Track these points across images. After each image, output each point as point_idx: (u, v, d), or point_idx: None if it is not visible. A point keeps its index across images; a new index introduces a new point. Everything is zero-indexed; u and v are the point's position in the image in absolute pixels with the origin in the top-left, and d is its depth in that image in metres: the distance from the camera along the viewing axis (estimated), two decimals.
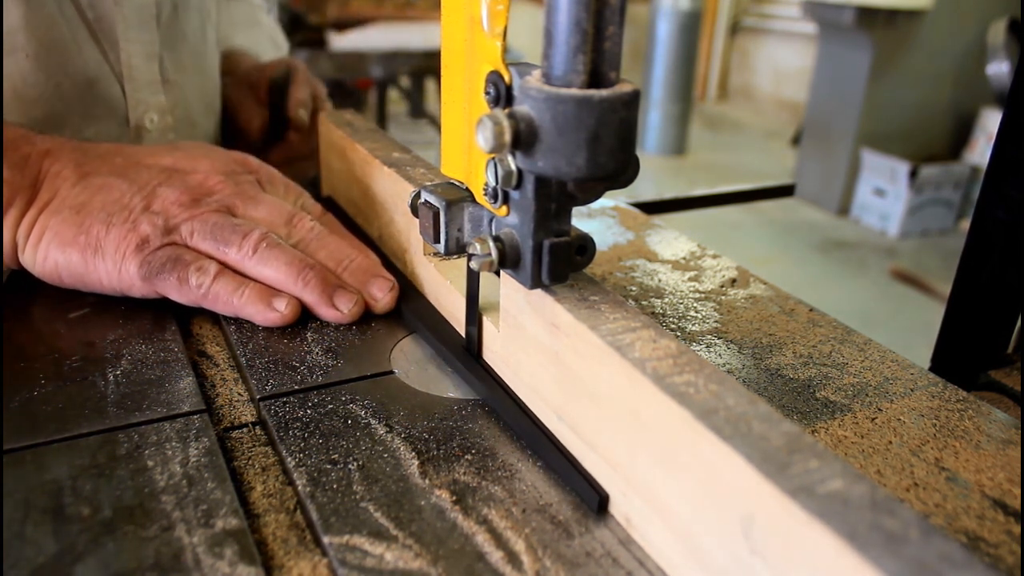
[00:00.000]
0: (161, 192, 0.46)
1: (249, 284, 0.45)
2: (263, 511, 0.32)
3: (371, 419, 0.37)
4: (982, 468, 0.36)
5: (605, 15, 0.29)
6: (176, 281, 0.44)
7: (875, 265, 3.05)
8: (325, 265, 0.47)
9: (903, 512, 0.22)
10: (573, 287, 0.34)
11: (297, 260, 0.45)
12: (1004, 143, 0.44)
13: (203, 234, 0.45)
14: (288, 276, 0.45)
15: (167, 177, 0.47)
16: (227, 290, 0.44)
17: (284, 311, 0.44)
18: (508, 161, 0.31)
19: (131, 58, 0.60)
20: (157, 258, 0.44)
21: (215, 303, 0.44)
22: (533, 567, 0.29)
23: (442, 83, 0.37)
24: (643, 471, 0.29)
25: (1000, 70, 2.91)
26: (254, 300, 0.44)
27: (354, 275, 0.48)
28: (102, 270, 0.45)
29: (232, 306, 0.44)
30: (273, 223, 0.48)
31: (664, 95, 4.34)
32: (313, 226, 0.49)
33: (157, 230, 0.45)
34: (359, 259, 0.48)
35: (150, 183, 0.46)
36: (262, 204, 0.48)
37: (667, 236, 0.63)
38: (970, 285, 0.47)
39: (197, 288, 0.44)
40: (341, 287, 0.46)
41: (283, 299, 0.45)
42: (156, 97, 0.63)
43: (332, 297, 0.45)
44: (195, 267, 0.44)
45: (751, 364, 0.44)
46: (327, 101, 0.78)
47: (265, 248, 0.45)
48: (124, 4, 0.58)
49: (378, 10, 2.89)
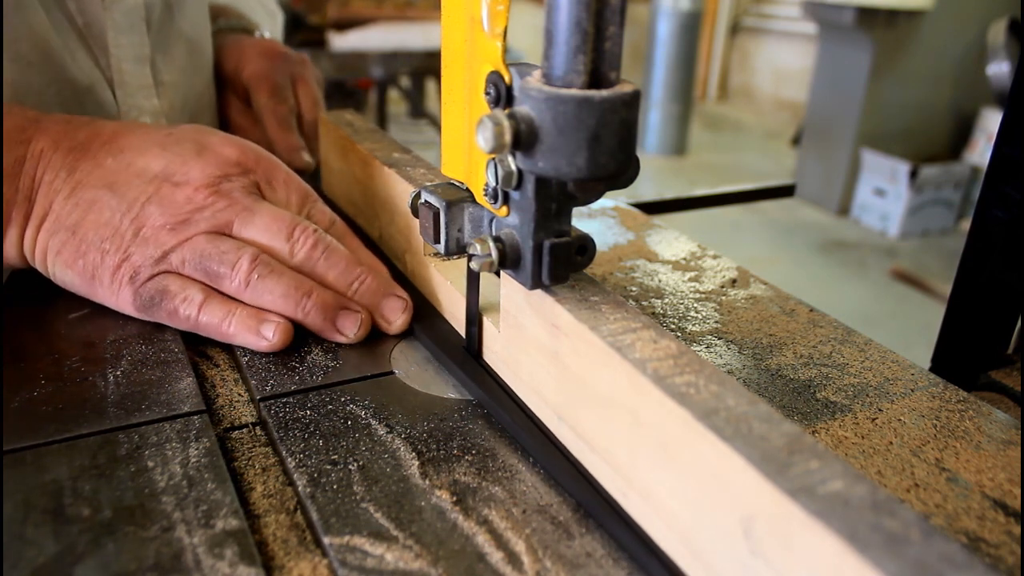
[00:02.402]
0: (149, 212, 0.43)
1: (237, 311, 0.43)
2: (263, 512, 0.32)
3: (371, 419, 0.37)
4: (982, 468, 0.36)
5: (605, 15, 0.29)
6: (166, 313, 0.43)
7: (875, 265, 3.05)
8: (335, 287, 0.45)
9: (904, 513, 0.22)
10: (573, 287, 0.34)
11: (293, 288, 0.43)
12: (1004, 143, 0.44)
13: (193, 264, 0.43)
14: (286, 306, 0.43)
15: (156, 190, 0.44)
16: (215, 320, 0.43)
17: (272, 339, 0.42)
18: (508, 161, 0.31)
19: (121, 63, 0.58)
20: (147, 290, 0.43)
21: (208, 332, 0.43)
22: (533, 567, 0.29)
23: (442, 83, 0.37)
24: (643, 472, 0.29)
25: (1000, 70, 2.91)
26: (243, 329, 0.42)
27: (364, 297, 0.45)
28: (102, 295, 0.44)
29: (222, 334, 0.43)
30: (271, 242, 0.44)
31: (664, 95, 4.35)
32: (317, 241, 0.45)
33: (147, 260, 0.43)
34: (369, 280, 0.45)
35: (138, 200, 0.44)
36: (258, 219, 0.44)
37: (667, 236, 0.63)
38: (970, 285, 0.47)
39: (186, 320, 0.43)
40: (345, 308, 0.44)
41: (271, 325, 0.42)
42: (149, 101, 0.61)
43: (335, 322, 0.44)
44: (181, 298, 0.43)
45: (751, 364, 0.44)
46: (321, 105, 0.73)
47: (257, 280, 0.43)
48: (112, 8, 0.57)
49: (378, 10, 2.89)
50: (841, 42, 3.35)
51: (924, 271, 2.93)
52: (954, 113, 3.47)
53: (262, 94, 0.69)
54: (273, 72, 0.70)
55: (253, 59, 0.70)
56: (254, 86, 0.69)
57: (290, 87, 0.70)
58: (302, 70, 0.72)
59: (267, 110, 0.68)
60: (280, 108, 0.68)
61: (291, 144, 0.66)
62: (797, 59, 5.35)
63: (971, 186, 3.36)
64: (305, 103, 0.71)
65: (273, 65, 0.70)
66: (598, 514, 0.31)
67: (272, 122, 0.67)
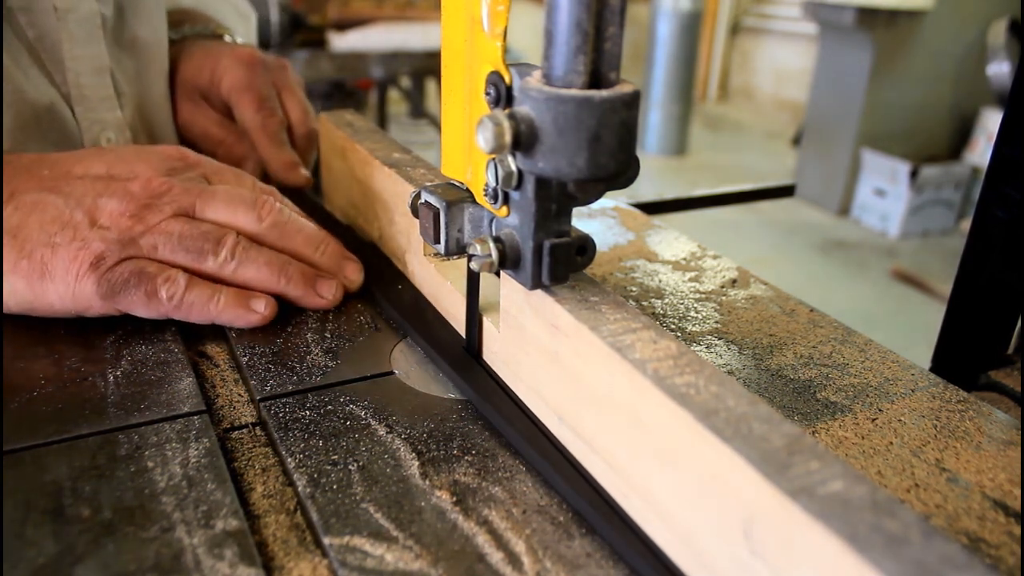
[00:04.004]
0: (103, 204, 0.42)
1: (223, 290, 0.43)
2: (263, 512, 0.32)
3: (371, 420, 0.37)
4: (983, 469, 0.36)
5: (605, 16, 0.29)
6: (143, 296, 0.41)
7: (875, 265, 3.05)
8: (302, 252, 0.46)
9: (904, 513, 0.22)
10: (573, 288, 0.34)
11: (275, 257, 0.45)
12: (1004, 143, 0.44)
13: (170, 246, 0.42)
14: (270, 276, 0.44)
15: (105, 187, 0.43)
16: (202, 299, 0.42)
17: (264, 311, 0.44)
18: (508, 162, 0.31)
19: (79, 76, 0.55)
20: (117, 274, 0.41)
21: (189, 313, 0.43)
22: (533, 568, 0.29)
23: (442, 83, 0.37)
24: (643, 472, 0.29)
25: (1000, 70, 2.91)
26: (232, 305, 0.43)
27: (330, 259, 0.47)
28: (53, 294, 0.42)
29: (208, 314, 0.43)
30: (237, 217, 0.45)
31: (664, 95, 4.34)
32: (281, 208, 0.46)
33: (112, 245, 0.41)
34: (332, 243, 0.48)
35: (87, 195, 0.42)
36: (219, 198, 0.45)
37: (667, 236, 0.63)
38: (970, 285, 0.47)
39: (168, 300, 0.42)
40: (319, 276, 0.46)
41: (260, 300, 0.44)
42: (112, 113, 0.58)
43: (315, 287, 0.46)
44: (163, 279, 0.42)
45: (751, 365, 0.44)
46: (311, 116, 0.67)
47: (242, 251, 0.44)
48: (68, 19, 0.53)
49: (378, 10, 2.89)
50: (841, 42, 3.35)
51: (924, 271, 2.93)
52: (954, 113, 3.47)
53: (248, 108, 0.63)
54: (256, 82, 0.64)
55: (231, 69, 0.64)
56: (237, 99, 0.64)
57: (275, 97, 0.65)
58: (284, 77, 0.67)
59: (255, 125, 0.63)
60: (270, 123, 0.63)
61: (286, 161, 0.63)
62: (797, 59, 5.35)
63: (971, 186, 3.36)
64: (294, 114, 0.66)
65: (254, 74, 0.64)
66: (594, 518, 0.31)
67: (263, 139, 0.63)
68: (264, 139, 0.63)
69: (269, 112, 0.64)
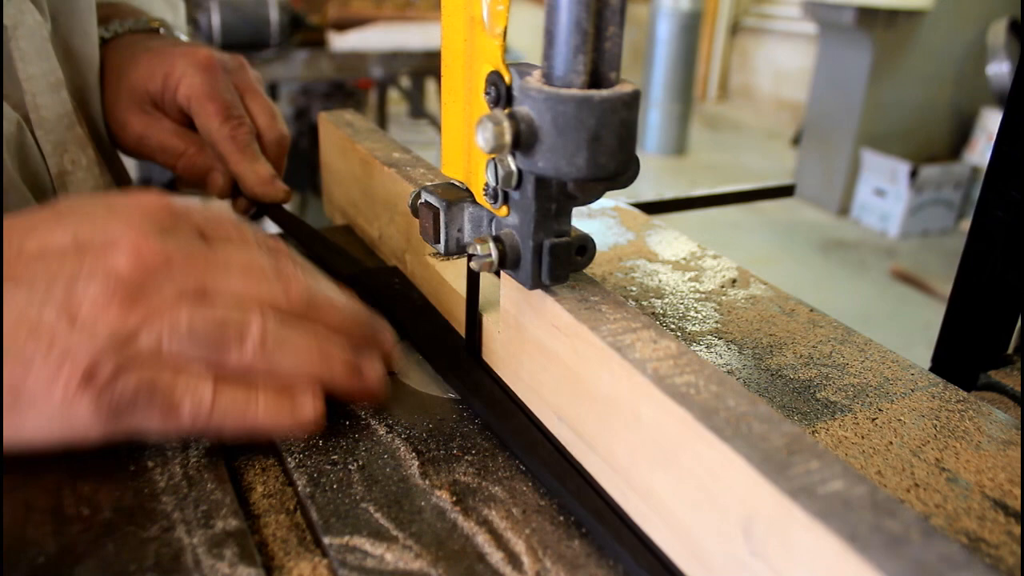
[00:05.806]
0: (81, 291, 0.31)
1: (259, 389, 0.33)
2: (263, 512, 0.32)
3: (371, 419, 0.37)
4: (983, 469, 0.36)
5: (605, 15, 0.29)
6: (159, 413, 0.31)
7: (875, 265, 3.05)
8: (341, 328, 0.37)
9: (904, 513, 0.22)
10: (573, 288, 0.34)
11: (313, 341, 0.34)
12: (1004, 143, 0.44)
13: (180, 342, 0.32)
14: (311, 365, 0.34)
15: (76, 265, 0.31)
16: (237, 406, 0.32)
17: (317, 411, 0.34)
18: (508, 161, 0.31)
19: (36, 97, 0.50)
20: (119, 391, 0.30)
21: (222, 425, 0.33)
22: (533, 567, 0.29)
23: (442, 83, 0.37)
24: (643, 472, 0.29)
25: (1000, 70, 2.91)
26: (274, 408, 0.33)
27: (362, 329, 0.38)
28: (31, 424, 0.31)
29: (247, 424, 0.33)
30: (261, 292, 0.34)
31: (664, 95, 4.35)
32: (308, 282, 0.36)
33: (103, 349, 0.30)
34: (363, 313, 0.38)
35: (56, 281, 0.31)
36: (234, 272, 0.34)
37: (667, 236, 0.63)
38: (970, 285, 0.47)
39: (193, 415, 0.32)
40: (361, 354, 0.37)
41: (307, 392, 0.34)
42: (72, 131, 0.52)
43: (361, 368, 0.36)
44: (183, 388, 0.31)
45: (751, 364, 0.44)
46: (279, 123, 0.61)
47: (273, 342, 0.33)
48: (15, 36, 0.48)
49: (378, 10, 2.89)
50: (841, 42, 3.35)
51: (924, 271, 2.93)
52: (954, 113, 3.47)
53: (213, 118, 0.57)
54: (217, 88, 0.57)
55: (188, 74, 0.57)
56: (198, 108, 0.57)
57: (240, 103, 0.59)
58: (245, 77, 0.61)
59: (223, 137, 0.57)
60: (239, 133, 0.57)
61: (262, 175, 0.57)
62: (797, 59, 5.35)
63: (971, 186, 3.36)
64: (261, 119, 0.59)
65: (214, 79, 0.57)
66: (587, 520, 0.31)
67: (233, 152, 0.57)
68: (235, 152, 0.57)
69: (237, 122, 0.57)
